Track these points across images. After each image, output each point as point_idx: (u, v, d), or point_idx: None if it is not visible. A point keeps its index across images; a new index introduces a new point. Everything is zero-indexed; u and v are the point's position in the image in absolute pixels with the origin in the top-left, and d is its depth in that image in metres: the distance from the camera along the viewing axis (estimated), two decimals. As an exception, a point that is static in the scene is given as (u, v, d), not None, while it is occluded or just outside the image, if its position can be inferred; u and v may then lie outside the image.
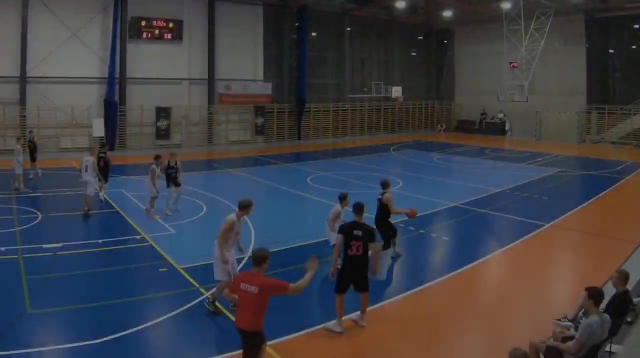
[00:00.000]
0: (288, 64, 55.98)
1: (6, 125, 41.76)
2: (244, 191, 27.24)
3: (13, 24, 41.35)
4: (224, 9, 50.85)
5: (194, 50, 49.48)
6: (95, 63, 44.80)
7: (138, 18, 46.19)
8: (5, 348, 11.06)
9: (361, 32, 62.00)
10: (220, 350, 11.42)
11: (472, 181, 32.38)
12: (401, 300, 14.51)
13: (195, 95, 49.97)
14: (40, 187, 28.79)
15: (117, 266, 16.63)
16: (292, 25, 55.73)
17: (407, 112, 65.92)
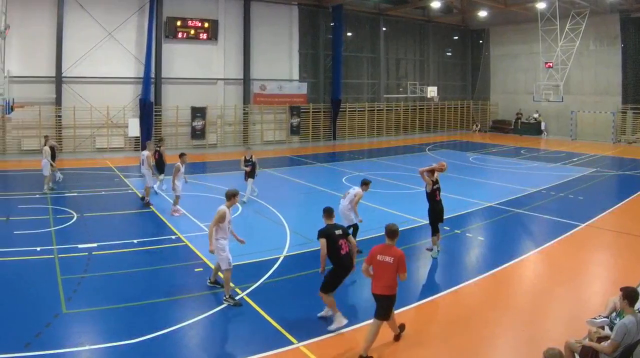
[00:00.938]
0: (323, 64, 54.08)
1: (42, 125, 40.41)
2: (279, 191, 27.40)
3: (49, 24, 40.27)
4: (259, 9, 49.29)
5: (230, 50, 47.94)
6: (131, 63, 43.52)
7: (174, 18, 44.84)
8: (42, 348, 10.85)
9: (396, 32, 60.05)
10: (255, 350, 11.07)
11: (507, 181, 31.39)
12: (437, 299, 14.14)
13: (230, 95, 48.42)
14: (75, 187, 27.75)
15: (153, 266, 16.32)
16: (327, 25, 53.92)
17: (442, 112, 63.73)
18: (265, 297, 13.71)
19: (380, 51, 58.07)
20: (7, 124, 39.36)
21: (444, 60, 65.06)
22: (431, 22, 61.82)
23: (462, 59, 66.74)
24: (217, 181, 30.14)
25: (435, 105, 62.13)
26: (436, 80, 62.41)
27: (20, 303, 13.19)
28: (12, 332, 11.55)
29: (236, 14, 48.12)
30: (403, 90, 59.41)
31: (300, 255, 17.20)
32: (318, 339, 11.59)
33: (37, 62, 39.96)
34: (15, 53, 38.49)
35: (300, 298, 13.97)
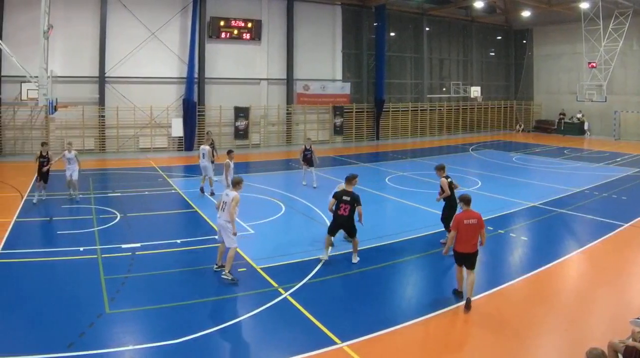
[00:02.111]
0: (366, 64, 51.27)
1: (85, 125, 38.74)
2: (322, 191, 25.43)
3: (92, 24, 38.63)
4: (302, 9, 46.85)
5: (273, 50, 45.65)
6: (174, 63, 41.55)
7: (217, 18, 42.74)
8: (85, 348, 10.51)
9: (440, 32, 57.04)
10: (299, 350, 10.66)
11: (550, 181, 29.97)
12: (480, 299, 13.39)
13: (273, 95, 46.13)
14: (118, 187, 26.81)
15: (196, 266, 15.71)
16: (370, 25, 51.13)
17: (485, 112, 60.46)
18: (308, 297, 13.26)
19: (424, 51, 55.09)
20: (51, 124, 37.70)
21: (487, 60, 61.79)
22: (474, 22, 58.70)
23: (505, 59, 63.31)
24: (260, 181, 29.00)
25: (478, 105, 59.12)
26: (479, 80, 59.45)
27: (64, 303, 12.76)
28: (56, 332, 11.17)
29: (279, 14, 45.90)
30: (446, 90, 56.58)
31: (344, 255, 16.44)
32: (362, 339, 11.14)
33: (81, 62, 38.35)
34: (59, 53, 36.90)
35: (344, 298, 13.64)
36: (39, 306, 12.60)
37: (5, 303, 12.73)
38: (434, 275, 15.57)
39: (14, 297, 13.14)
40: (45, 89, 27.29)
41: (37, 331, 11.33)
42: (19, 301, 12.91)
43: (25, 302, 12.87)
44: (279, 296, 13.25)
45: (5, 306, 12.60)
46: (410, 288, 14.30)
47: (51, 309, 12.39)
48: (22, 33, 35.23)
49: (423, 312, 12.55)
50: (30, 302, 12.87)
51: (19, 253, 16.22)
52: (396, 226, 18.84)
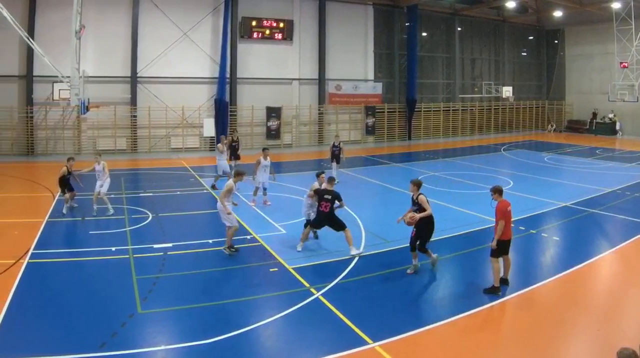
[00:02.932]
0: (398, 63, 48.87)
1: (117, 125, 37.16)
2: (354, 191, 24.97)
3: (124, 24, 37.10)
4: (334, 9, 44.66)
5: (305, 50, 43.62)
6: (206, 63, 39.76)
7: (249, 18, 40.85)
8: (117, 348, 10.15)
9: (471, 32, 54.38)
10: (330, 349, 10.26)
11: (582, 181, 28.72)
12: (512, 300, 12.97)
13: (305, 95, 44.09)
14: (150, 187, 25.96)
15: (228, 266, 15.14)
16: (402, 25, 48.78)
17: (517, 112, 57.67)
18: (340, 297, 12.74)
19: (455, 51, 52.51)
20: (83, 123, 36.23)
21: (519, 60, 58.91)
22: (506, 22, 55.91)
23: (537, 59, 60.32)
24: (292, 181, 27.87)
25: (510, 105, 56.34)
26: (511, 80, 56.60)
27: (96, 303, 12.35)
28: (88, 332, 10.78)
29: (311, 14, 43.82)
30: (478, 90, 53.79)
31: (375, 255, 15.97)
32: (393, 339, 10.71)
33: (112, 62, 36.83)
34: (91, 53, 35.30)
35: (376, 298, 12.98)
36: (71, 306, 12.14)
37: (37, 304, 12.25)
38: (465, 274, 14.85)
39: (46, 297, 12.63)
40: (77, 88, 25.87)
41: (69, 331, 10.88)
42: (51, 301, 12.41)
43: (58, 302, 12.38)
44: (310, 296, 12.77)
45: (38, 306, 12.12)
46: (441, 288, 13.78)
47: (83, 309, 11.97)
48: (53, 33, 33.81)
49: (454, 312, 12.07)
50: (62, 302, 12.38)
51: (51, 253, 15.63)
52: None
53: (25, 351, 9.94)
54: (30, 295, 12.71)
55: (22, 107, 35.29)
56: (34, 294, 12.78)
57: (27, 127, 35.43)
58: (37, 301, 12.38)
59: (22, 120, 35.38)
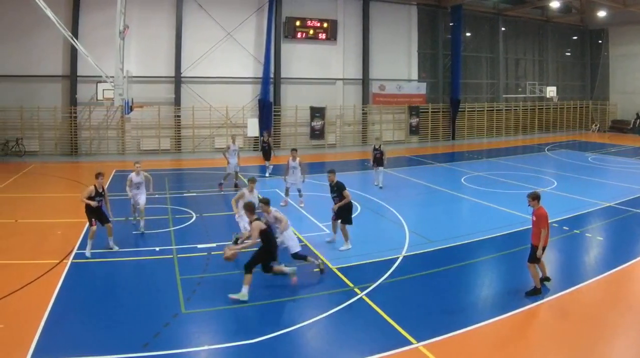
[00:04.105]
0: (442, 64, 45.06)
1: (161, 125, 34.39)
2: (398, 191, 23.80)
3: (168, 24, 34.28)
4: (378, 9, 41.04)
5: (349, 50, 40.06)
6: (249, 63, 36.69)
7: (293, 18, 37.67)
8: (160, 348, 9.47)
9: (515, 32, 50.04)
10: (374, 349, 9.49)
11: (626, 181, 26.59)
12: (555, 300, 11.95)
13: (349, 95, 40.56)
14: (194, 187, 24.55)
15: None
16: (446, 25, 44.79)
17: (561, 112, 53.10)
18: (384, 297, 11.93)
19: (499, 51, 48.19)
20: (126, 124, 33.49)
21: (562, 60, 54.24)
22: (550, 22, 51.30)
23: (581, 59, 55.48)
24: None
25: (554, 105, 51.76)
26: (555, 80, 52.04)
27: (140, 303, 11.63)
28: (132, 332, 10.10)
29: (355, 14, 40.27)
30: (522, 90, 49.56)
31: (419, 255, 15.00)
32: (438, 339, 9.95)
33: (156, 62, 34.02)
34: (134, 53, 32.42)
35: (420, 298, 12.16)
36: (115, 306, 11.43)
37: (81, 304, 11.51)
38: (509, 275, 13.76)
39: (89, 298, 11.86)
40: (121, 88, 23.95)
41: (112, 331, 10.24)
42: (95, 301, 11.66)
43: (101, 302, 11.66)
44: (354, 296, 12.04)
45: (81, 306, 11.39)
46: (485, 289, 12.83)
47: (126, 309, 11.29)
48: (97, 33, 31.15)
49: (498, 312, 11.29)
50: (105, 302, 11.67)
51: (94, 253, 14.46)
52: (471, 226, 17.38)
53: (69, 351, 9.27)
54: (73, 295, 11.90)
55: (65, 107, 32.72)
56: (78, 294, 11.99)
57: (70, 127, 32.85)
58: (80, 301, 11.63)
59: (65, 120, 32.81)
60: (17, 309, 11.09)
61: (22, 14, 30.55)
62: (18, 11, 30.81)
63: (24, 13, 30.36)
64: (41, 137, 32.72)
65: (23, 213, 19.04)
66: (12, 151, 31.78)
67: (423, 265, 14.19)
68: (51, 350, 9.34)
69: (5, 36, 31.23)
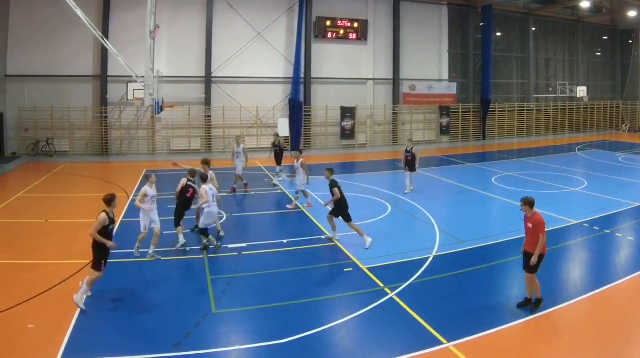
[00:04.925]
0: (473, 64, 41.95)
1: (191, 125, 32.15)
2: (428, 191, 22.21)
3: (198, 25, 32.00)
4: (408, 9, 38.13)
5: (379, 50, 37.30)
6: (280, 63, 34.19)
7: (323, 18, 35.05)
8: (191, 348, 8.86)
9: (546, 32, 46.51)
10: (405, 350, 8.90)
11: None
12: (586, 300, 11.07)
13: (379, 95, 37.79)
14: (224, 187, 21.84)
15: (302, 266, 13.18)
16: (476, 25, 41.63)
17: (591, 112, 49.45)
18: (414, 297, 10.97)
19: (530, 51, 44.82)
20: (157, 123, 31.26)
21: (593, 60, 50.49)
22: (580, 22, 47.70)
23: (611, 59, 51.62)
24: (366, 181, 24.27)
25: (584, 105, 48.16)
26: (585, 80, 48.39)
27: (170, 303, 10.76)
28: (162, 332, 9.39)
29: (386, 14, 37.48)
30: (552, 90, 46.03)
31: (450, 255, 13.88)
32: (468, 339, 9.15)
33: (186, 62, 31.77)
34: (165, 53, 30.46)
35: (450, 298, 11.11)
36: (145, 306, 10.67)
37: (111, 304, 10.77)
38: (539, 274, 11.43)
39: (120, 297, 11.12)
40: (152, 88, 22.61)
41: (143, 331, 9.53)
42: (125, 301, 10.95)
43: (132, 302, 10.92)
44: (385, 296, 11.17)
45: (112, 306, 10.65)
46: (515, 289, 11.57)
47: (157, 309, 10.52)
48: (128, 33, 29.22)
49: (528, 312, 10.29)
50: (136, 302, 10.93)
51: (126, 253, 13.45)
52: (502, 226, 16.35)
53: (99, 351, 8.73)
54: (104, 295, 11.12)
55: (96, 107, 30.62)
56: (108, 294, 11.21)
57: (101, 127, 30.71)
58: (111, 301, 10.93)
59: (96, 120, 30.70)
60: (48, 309, 10.34)
61: (53, 14, 28.53)
62: (48, 11, 28.77)
63: (54, 13, 28.34)
64: (72, 137, 30.63)
65: (53, 213, 17.77)
66: (42, 151, 29.77)
67: (454, 265, 13.22)
68: (82, 350, 8.80)
69: (36, 36, 29.25)
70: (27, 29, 29.28)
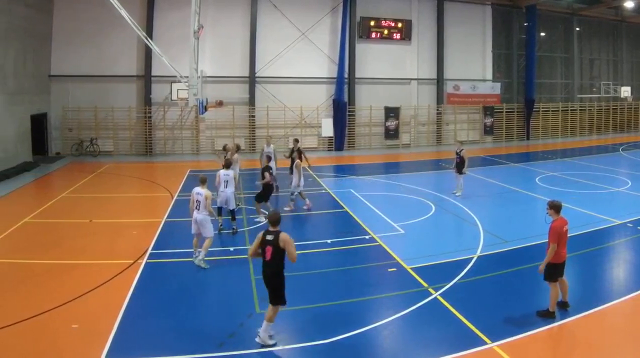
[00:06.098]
0: (516, 63, 37.41)
1: (235, 125, 29.01)
2: (472, 191, 19.64)
3: (242, 24, 28.67)
4: (452, 9, 33.93)
5: (423, 50, 33.19)
6: (324, 63, 30.53)
7: (367, 18, 31.18)
8: (235, 348, 7.96)
9: (589, 32, 41.46)
10: (448, 350, 7.92)
11: None
12: (629, 300, 9.75)
13: (423, 95, 33.69)
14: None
15: (346, 266, 11.70)
16: (520, 25, 37.06)
17: (635, 112, 44.07)
18: (458, 297, 9.72)
19: (574, 51, 39.77)
20: (201, 124, 27.99)
21: (637, 60, 44.87)
22: (624, 21, 42.29)
23: (656, 59, 46.11)
24: (410, 181, 21.91)
25: (628, 105, 42.89)
26: (630, 80, 42.98)
27: (214, 303, 9.74)
28: (207, 332, 8.45)
29: (429, 14, 33.32)
30: (596, 90, 41.04)
31: (494, 255, 12.25)
32: (512, 339, 8.20)
33: (230, 62, 28.44)
34: (209, 53, 27.13)
35: (494, 298, 9.87)
36: (190, 306, 9.41)
37: (156, 304, 9.51)
38: (583, 275, 10.95)
39: (164, 297, 9.77)
40: (196, 88, 20.48)
41: (188, 331, 8.45)
42: (169, 301, 9.59)
43: (176, 302, 9.59)
44: (429, 296, 9.84)
45: (156, 306, 9.40)
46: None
47: (202, 309, 9.32)
48: (171, 33, 26.11)
49: (574, 312, 9.08)
50: (180, 302, 9.58)
51: (170, 254, 12.29)
52: (546, 226, 13.06)
53: (143, 351, 7.72)
54: (148, 294, 9.98)
55: (140, 107, 27.55)
56: (152, 294, 10.04)
57: (145, 127, 27.61)
58: (155, 301, 9.71)
59: (140, 120, 27.63)
60: (92, 309, 9.33)
61: (97, 14, 25.61)
62: (92, 12, 25.79)
63: (98, 13, 25.43)
64: (115, 137, 27.59)
65: (97, 213, 16.25)
66: (86, 151, 26.83)
67: (498, 265, 11.92)
68: (126, 349, 7.87)
69: (80, 36, 26.36)
70: (71, 29, 26.44)
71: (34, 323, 8.66)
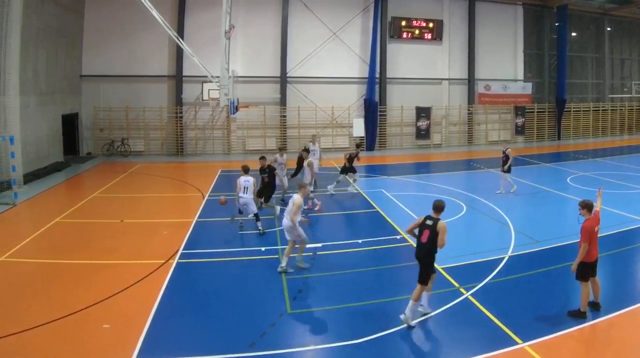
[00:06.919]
0: (548, 63, 34.37)
1: (267, 125, 26.90)
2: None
3: (273, 25, 26.42)
4: (484, 9, 31.12)
5: (454, 50, 30.53)
6: (355, 63, 28.09)
7: (398, 18, 28.65)
8: (266, 348, 7.32)
9: (621, 32, 38.04)
10: (479, 350, 7.27)
11: None
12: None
13: (454, 95, 31.01)
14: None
15: (377, 266, 10.75)
16: (551, 25, 33.97)
17: None
18: (489, 297, 8.94)
19: (605, 51, 36.49)
20: (232, 124, 25.86)
21: None
22: None
23: (687, 59, 43.78)
24: (441, 181, 20.47)
25: None
26: None
27: (246, 303, 8.87)
28: (238, 332, 7.80)
29: (461, 14, 30.62)
30: (627, 90, 37.78)
31: (525, 255, 11.21)
32: (544, 339, 7.50)
33: (261, 62, 26.18)
34: (240, 53, 25.02)
35: (526, 298, 9.02)
36: (221, 306, 8.69)
37: (187, 303, 8.79)
38: (615, 275, 9.88)
39: (195, 297, 9.04)
40: (227, 88, 19.35)
41: (219, 331, 7.83)
42: (201, 301, 8.85)
43: (207, 302, 8.85)
44: (460, 296, 8.99)
45: (187, 306, 8.69)
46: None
47: (233, 309, 8.58)
48: (203, 33, 24.02)
49: (605, 312, 8.27)
50: (211, 302, 8.85)
51: (201, 253, 11.30)
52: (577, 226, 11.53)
53: (174, 351, 7.16)
54: (179, 294, 9.13)
55: (171, 107, 25.44)
56: (184, 294, 9.18)
57: (176, 127, 25.46)
58: (186, 301, 8.86)
59: (171, 120, 25.52)
60: (123, 309, 8.50)
61: (128, 15, 23.69)
62: (123, 12, 23.86)
63: (130, 14, 23.52)
64: (147, 137, 25.49)
65: (129, 213, 15.26)
66: (117, 151, 24.82)
67: (529, 265, 10.79)
68: (157, 349, 7.16)
69: (111, 37, 24.43)
70: (102, 29, 24.58)
71: (65, 323, 8.05)
